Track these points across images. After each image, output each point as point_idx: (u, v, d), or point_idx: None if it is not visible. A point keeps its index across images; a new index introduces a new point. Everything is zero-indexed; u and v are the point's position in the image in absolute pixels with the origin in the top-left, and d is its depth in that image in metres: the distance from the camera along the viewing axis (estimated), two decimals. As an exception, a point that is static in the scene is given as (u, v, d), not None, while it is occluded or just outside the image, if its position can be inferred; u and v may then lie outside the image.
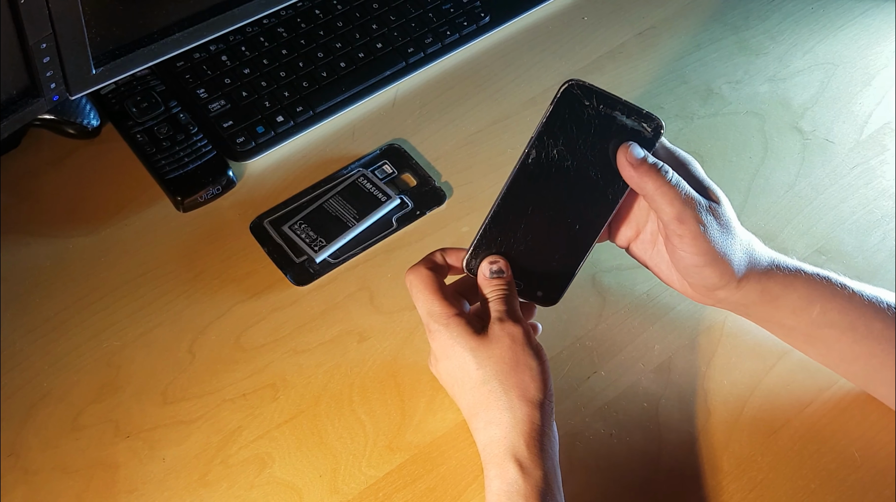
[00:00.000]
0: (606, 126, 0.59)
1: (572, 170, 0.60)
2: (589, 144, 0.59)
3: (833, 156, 0.83)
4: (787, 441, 0.66)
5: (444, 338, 0.60)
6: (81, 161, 0.79)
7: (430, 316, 0.60)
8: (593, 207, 0.61)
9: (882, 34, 0.93)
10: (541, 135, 0.60)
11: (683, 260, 0.60)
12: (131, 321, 0.70)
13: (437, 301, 0.60)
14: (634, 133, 0.59)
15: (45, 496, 0.62)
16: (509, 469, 0.56)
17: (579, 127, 0.59)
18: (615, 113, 0.59)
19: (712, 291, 0.61)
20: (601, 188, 0.60)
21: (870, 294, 0.63)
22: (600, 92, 0.59)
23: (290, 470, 0.64)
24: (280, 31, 0.86)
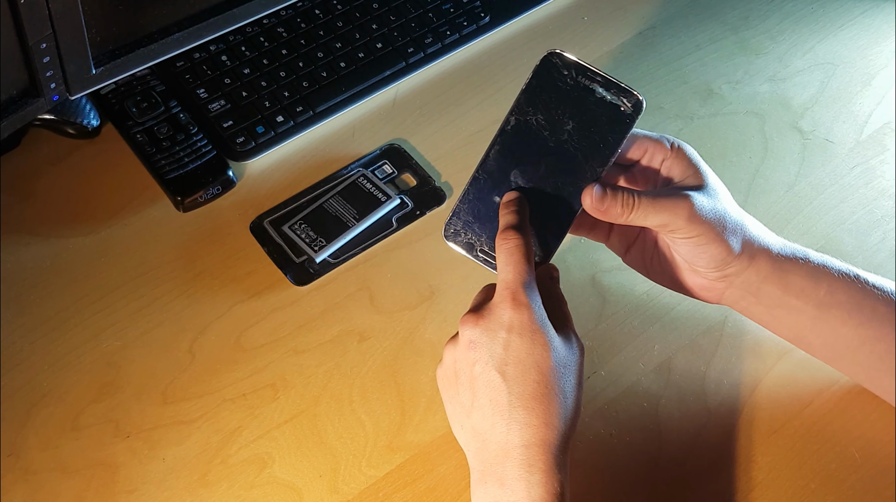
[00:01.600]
0: (586, 98, 0.59)
1: (550, 140, 0.59)
2: (568, 115, 0.59)
3: (833, 156, 0.83)
4: (787, 441, 0.66)
5: (531, 321, 0.56)
6: (81, 161, 0.79)
7: (526, 287, 0.56)
8: (572, 180, 0.60)
9: (882, 34, 0.93)
10: (520, 103, 0.60)
11: (684, 246, 0.60)
12: (131, 321, 0.70)
13: (533, 276, 0.57)
14: (614, 107, 0.59)
15: (45, 496, 0.62)
16: (556, 479, 0.54)
17: (558, 97, 0.59)
18: (594, 85, 0.59)
19: (724, 268, 0.61)
20: (580, 160, 0.59)
21: (873, 280, 0.63)
22: (580, 63, 0.59)
23: (290, 470, 0.64)
24: (280, 31, 0.86)
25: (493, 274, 0.60)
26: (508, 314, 0.56)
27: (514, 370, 0.55)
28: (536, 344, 0.55)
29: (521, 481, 0.54)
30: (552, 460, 0.54)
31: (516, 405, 0.55)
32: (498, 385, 0.55)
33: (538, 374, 0.55)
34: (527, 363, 0.55)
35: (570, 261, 0.74)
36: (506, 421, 0.55)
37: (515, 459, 0.54)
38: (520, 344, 0.55)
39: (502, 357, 0.55)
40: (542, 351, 0.55)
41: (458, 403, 0.58)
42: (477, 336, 0.56)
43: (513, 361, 0.55)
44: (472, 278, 0.74)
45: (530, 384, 0.55)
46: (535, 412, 0.54)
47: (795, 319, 0.63)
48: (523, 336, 0.55)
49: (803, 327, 0.63)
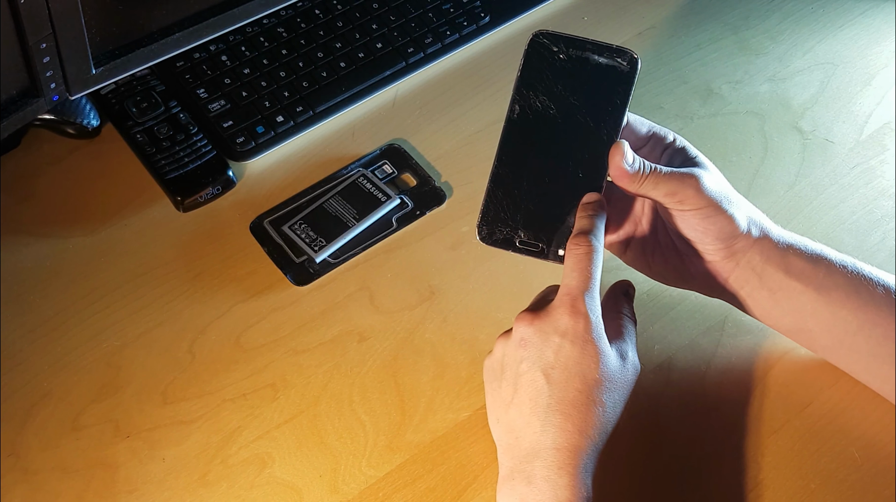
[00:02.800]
0: (582, 68, 0.60)
1: (559, 117, 0.60)
2: (569, 89, 0.60)
3: (833, 156, 0.83)
4: (787, 441, 0.66)
5: (586, 332, 0.56)
6: (81, 161, 0.79)
7: (588, 297, 0.56)
8: (591, 149, 0.60)
9: (882, 34, 0.93)
10: (519, 90, 0.60)
11: (692, 220, 0.61)
12: (131, 321, 0.70)
13: (598, 292, 0.58)
14: (611, 69, 0.60)
15: (45, 496, 0.62)
16: (584, 486, 0.54)
17: (555, 74, 0.60)
18: (587, 54, 0.60)
19: (732, 243, 0.62)
20: (593, 129, 0.60)
21: (868, 270, 0.64)
22: (568, 36, 0.60)
23: (290, 470, 0.64)
24: (280, 31, 0.86)
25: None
26: (565, 320, 0.56)
27: (560, 375, 0.56)
28: (586, 354, 0.56)
29: (549, 482, 0.54)
30: (581, 465, 0.55)
31: (554, 408, 0.55)
32: (541, 386, 0.56)
33: (582, 383, 0.55)
34: (573, 371, 0.55)
35: (570, 261, 0.74)
36: (541, 421, 0.55)
37: (545, 460, 0.55)
38: (570, 351, 0.56)
39: (550, 360, 0.56)
40: (590, 362, 0.56)
41: (499, 396, 0.59)
42: (530, 335, 0.57)
43: (560, 366, 0.56)
44: (472, 278, 0.74)
45: (572, 391, 0.55)
46: (572, 418, 0.55)
47: (797, 303, 0.63)
48: (575, 344, 0.56)
49: (804, 311, 0.64)
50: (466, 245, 0.76)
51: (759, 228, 0.63)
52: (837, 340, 0.64)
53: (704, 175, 0.60)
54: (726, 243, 0.62)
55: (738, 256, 0.62)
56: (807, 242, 0.64)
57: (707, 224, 0.61)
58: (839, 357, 0.66)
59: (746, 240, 0.62)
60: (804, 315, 0.64)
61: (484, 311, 0.72)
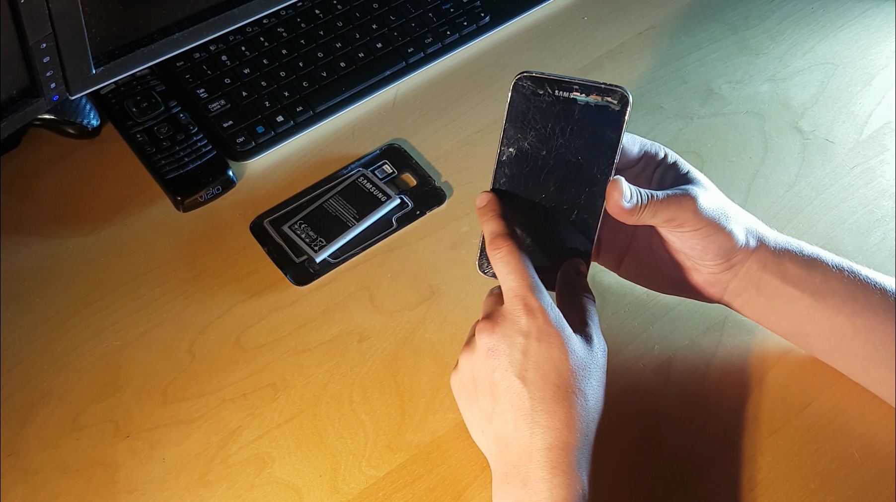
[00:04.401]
0: (570, 109, 0.59)
1: (550, 159, 0.59)
2: (558, 130, 0.59)
3: (833, 156, 0.83)
4: (787, 441, 0.66)
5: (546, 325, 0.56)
6: (81, 161, 0.79)
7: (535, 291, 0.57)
8: (585, 188, 0.60)
9: (882, 34, 0.93)
10: (507, 134, 0.60)
11: (691, 240, 0.61)
12: (131, 321, 0.70)
13: (540, 282, 0.58)
14: (600, 110, 0.58)
15: (45, 496, 0.62)
16: (578, 481, 0.55)
17: (543, 117, 0.59)
18: (573, 94, 0.58)
19: (730, 258, 0.62)
20: (586, 168, 0.59)
21: (865, 272, 0.64)
22: (552, 78, 0.58)
23: (290, 470, 0.64)
24: (280, 31, 0.86)
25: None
26: (523, 319, 0.56)
27: (534, 375, 0.56)
28: (554, 346, 0.56)
29: (544, 482, 0.54)
30: (574, 461, 0.55)
31: (538, 409, 0.55)
32: (519, 390, 0.56)
33: (557, 377, 0.56)
34: (546, 367, 0.56)
35: (570, 261, 0.74)
36: (529, 424, 0.55)
37: (538, 461, 0.55)
38: (538, 348, 0.56)
39: (521, 362, 0.56)
40: (559, 354, 0.56)
41: (478, 409, 0.59)
42: (495, 343, 0.57)
43: (532, 366, 0.56)
44: (472, 278, 0.74)
45: (550, 388, 0.55)
46: (557, 415, 0.55)
47: (793, 308, 0.64)
48: (540, 340, 0.56)
49: (801, 316, 0.64)
50: (466, 245, 0.76)
51: (756, 238, 0.63)
52: (835, 345, 0.64)
53: (700, 194, 0.60)
54: (725, 258, 0.62)
55: (737, 268, 0.63)
56: (802, 246, 0.64)
57: (707, 243, 0.61)
58: (837, 360, 0.66)
59: (744, 252, 0.62)
60: (801, 320, 0.64)
61: (484, 311, 0.72)
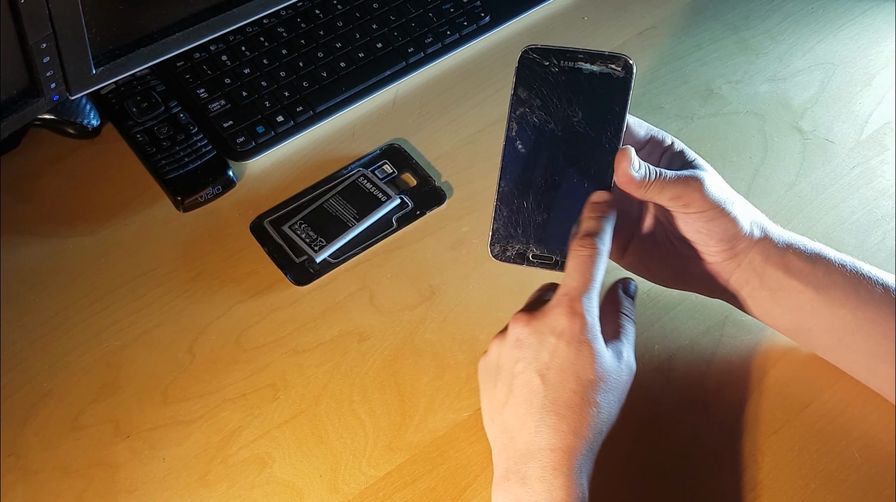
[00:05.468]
0: (576, 78, 0.59)
1: (558, 130, 0.60)
2: (565, 101, 0.59)
3: (833, 156, 0.83)
4: (787, 441, 0.66)
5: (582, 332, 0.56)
6: (81, 161, 0.79)
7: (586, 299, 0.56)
8: (594, 158, 0.60)
9: (882, 34, 0.93)
10: (514, 107, 0.60)
11: (696, 223, 0.61)
12: (131, 321, 0.70)
13: (597, 294, 0.58)
14: (606, 76, 0.59)
15: (45, 496, 0.62)
16: (578, 486, 0.55)
17: (549, 88, 0.59)
18: (579, 64, 0.59)
19: (734, 244, 0.62)
20: (594, 138, 0.59)
21: (867, 269, 0.64)
22: (558, 49, 0.59)
23: (290, 470, 0.64)
24: (280, 31, 0.86)
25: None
26: (562, 321, 0.56)
27: (555, 376, 0.56)
28: (581, 355, 0.56)
29: (544, 483, 0.54)
30: (576, 467, 0.55)
31: (549, 409, 0.55)
32: (536, 386, 0.56)
33: (576, 384, 0.56)
34: (568, 372, 0.56)
35: (570, 261, 0.74)
36: (536, 422, 0.55)
37: (539, 461, 0.55)
38: (566, 352, 0.56)
39: (546, 361, 0.56)
40: (585, 362, 0.56)
41: (494, 397, 0.59)
42: (525, 336, 0.57)
43: (555, 367, 0.56)
44: (472, 278, 0.74)
45: (566, 392, 0.55)
46: (566, 419, 0.55)
47: (796, 302, 0.63)
48: (571, 345, 0.56)
49: (804, 310, 0.64)
50: (466, 245, 0.76)
51: (760, 229, 0.63)
52: (837, 339, 0.64)
53: (707, 178, 0.60)
54: (729, 244, 0.62)
55: (740, 257, 0.62)
56: (806, 242, 0.64)
57: (711, 226, 0.61)
58: (839, 356, 0.66)
59: (748, 241, 0.62)
60: (804, 314, 0.64)
61: (484, 311, 0.72)
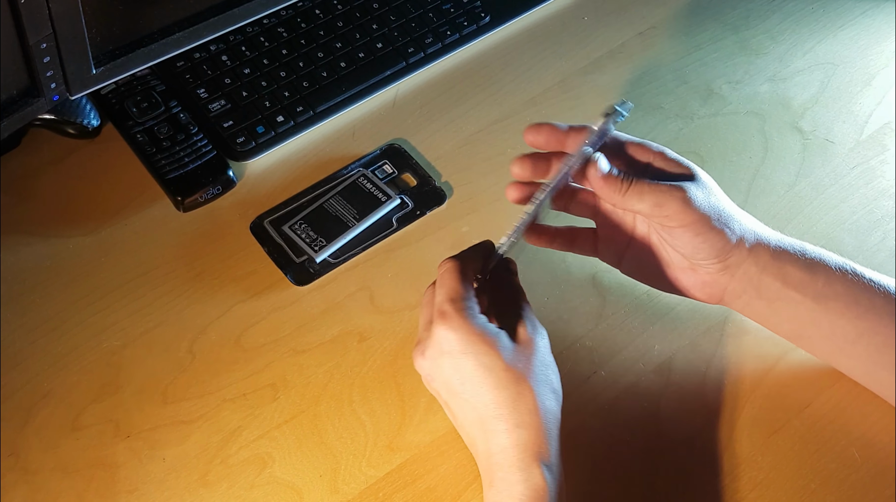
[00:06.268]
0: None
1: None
2: None
3: (833, 156, 0.83)
4: (787, 441, 0.66)
5: (467, 334, 0.56)
6: (81, 161, 0.79)
7: (454, 302, 0.57)
8: None
9: (882, 34, 0.93)
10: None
11: (682, 237, 0.60)
12: (131, 321, 0.70)
13: (468, 290, 0.58)
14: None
15: (45, 496, 0.62)
16: (536, 474, 0.54)
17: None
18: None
19: (725, 258, 0.61)
20: None
21: (869, 275, 0.63)
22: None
23: (290, 470, 0.64)
24: (280, 31, 0.86)
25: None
26: (443, 333, 0.57)
27: (471, 386, 0.57)
28: (480, 353, 0.56)
29: (504, 482, 0.55)
30: (530, 457, 0.55)
31: (486, 416, 0.56)
32: (463, 404, 0.57)
33: (495, 380, 0.56)
34: (480, 374, 0.56)
35: (570, 261, 0.74)
36: (482, 432, 0.57)
37: (497, 463, 0.56)
38: (464, 361, 0.56)
39: (455, 380, 0.57)
40: (488, 358, 0.56)
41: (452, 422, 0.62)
42: (427, 369, 0.59)
43: (467, 379, 0.57)
44: (472, 278, 0.74)
45: (489, 393, 0.56)
46: (503, 417, 0.56)
47: (795, 312, 0.63)
48: (465, 352, 0.56)
49: (802, 320, 0.64)
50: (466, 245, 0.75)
51: (754, 238, 0.62)
52: (837, 348, 0.64)
53: (692, 189, 0.59)
54: (719, 257, 0.61)
55: (733, 269, 0.62)
56: (805, 248, 0.63)
57: (698, 241, 0.60)
58: (839, 363, 0.66)
59: (740, 251, 0.61)
60: (802, 324, 0.64)
61: (484, 311, 0.72)
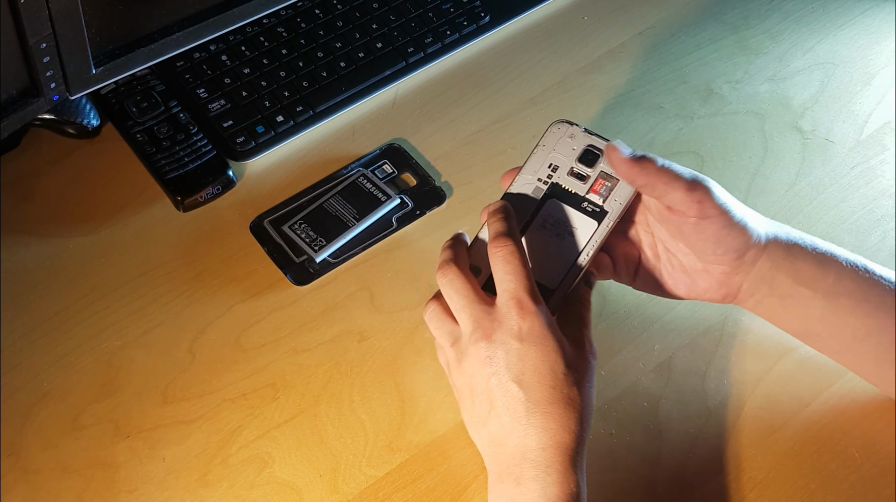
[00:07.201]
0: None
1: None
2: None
3: (833, 155, 0.83)
4: (787, 441, 0.66)
5: (540, 327, 0.56)
6: (81, 161, 0.79)
7: (531, 294, 0.57)
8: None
9: (882, 34, 0.93)
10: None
11: (707, 230, 0.60)
12: (131, 321, 0.70)
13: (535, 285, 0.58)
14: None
15: (45, 496, 0.62)
16: (572, 479, 0.55)
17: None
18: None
19: (743, 254, 0.61)
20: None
21: (879, 271, 0.63)
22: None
23: (290, 470, 0.64)
24: (280, 31, 0.86)
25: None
26: (517, 323, 0.56)
27: (531, 378, 0.56)
28: (549, 349, 0.56)
29: (537, 481, 0.55)
30: (568, 461, 0.55)
31: (533, 410, 0.55)
32: (515, 394, 0.56)
33: (553, 379, 0.56)
34: (542, 370, 0.56)
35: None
36: (523, 426, 0.56)
37: (532, 460, 0.55)
38: (534, 352, 0.56)
39: (518, 367, 0.56)
40: (555, 356, 0.56)
41: (475, 413, 0.59)
42: (493, 351, 0.57)
43: (529, 370, 0.56)
44: (472, 278, 0.74)
45: (546, 390, 0.56)
46: (553, 416, 0.55)
47: (805, 308, 0.63)
48: (535, 344, 0.56)
49: (812, 317, 0.63)
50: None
51: (767, 235, 0.62)
52: (846, 345, 0.64)
53: (714, 185, 0.60)
54: (738, 254, 0.61)
55: (748, 267, 0.62)
56: (816, 241, 0.63)
57: (723, 233, 0.60)
58: (847, 360, 0.66)
59: (756, 248, 0.61)
60: (812, 320, 0.64)
61: (484, 311, 0.72)
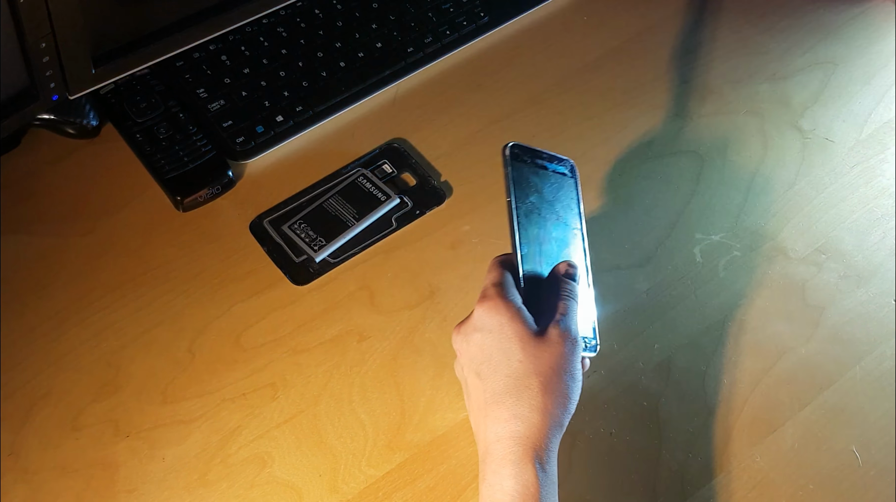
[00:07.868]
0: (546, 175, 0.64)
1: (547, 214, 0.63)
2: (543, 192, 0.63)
3: (833, 154, 0.83)
4: (787, 441, 0.66)
5: (500, 316, 0.56)
6: (81, 161, 0.79)
7: (498, 286, 0.58)
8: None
9: (882, 34, 0.93)
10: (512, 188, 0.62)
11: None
12: (131, 321, 0.70)
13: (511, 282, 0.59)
14: (562, 177, 0.64)
15: (45, 496, 0.62)
16: (528, 470, 0.54)
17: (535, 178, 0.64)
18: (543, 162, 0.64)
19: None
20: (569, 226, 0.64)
21: None
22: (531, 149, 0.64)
23: (289, 470, 0.64)
24: (279, 31, 0.86)
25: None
26: (479, 312, 0.57)
27: (487, 368, 0.56)
28: (505, 336, 0.56)
29: (496, 475, 0.54)
30: (523, 452, 0.54)
31: (490, 401, 0.56)
32: (477, 386, 0.57)
33: (508, 368, 0.56)
34: (497, 358, 0.56)
35: (570, 261, 0.74)
36: (484, 419, 0.56)
37: (492, 454, 0.55)
38: (490, 340, 0.56)
39: (478, 358, 0.57)
40: (510, 344, 0.56)
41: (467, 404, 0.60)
42: (458, 344, 0.59)
43: (486, 359, 0.56)
44: (472, 278, 0.74)
45: (501, 379, 0.56)
46: (505, 405, 0.55)
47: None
48: (493, 332, 0.56)
49: None
50: (466, 244, 0.76)
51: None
52: None
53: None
54: None
55: None
56: None
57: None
58: None
59: None
60: None
61: (484, 311, 0.72)
